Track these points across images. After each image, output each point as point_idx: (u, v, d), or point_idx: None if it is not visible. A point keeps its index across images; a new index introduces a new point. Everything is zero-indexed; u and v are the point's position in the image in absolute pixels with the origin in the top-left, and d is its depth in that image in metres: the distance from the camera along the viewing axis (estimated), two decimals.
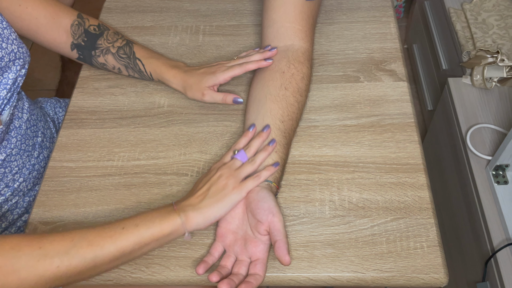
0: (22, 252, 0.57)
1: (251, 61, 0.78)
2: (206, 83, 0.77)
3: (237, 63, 0.79)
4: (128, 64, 0.83)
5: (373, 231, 0.68)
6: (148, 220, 0.62)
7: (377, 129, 0.77)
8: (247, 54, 0.81)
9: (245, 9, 0.97)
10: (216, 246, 0.66)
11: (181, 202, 0.65)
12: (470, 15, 1.23)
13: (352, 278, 0.64)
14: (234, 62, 0.79)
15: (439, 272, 0.64)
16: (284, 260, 0.61)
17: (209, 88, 0.77)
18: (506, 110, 1.07)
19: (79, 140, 0.80)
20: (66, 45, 0.83)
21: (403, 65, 0.85)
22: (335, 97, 0.82)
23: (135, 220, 0.62)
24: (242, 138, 0.72)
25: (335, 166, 0.74)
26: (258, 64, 0.77)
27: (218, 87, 0.79)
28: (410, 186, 0.71)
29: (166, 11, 0.98)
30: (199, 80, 0.78)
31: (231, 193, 0.65)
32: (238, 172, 0.67)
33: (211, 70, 0.78)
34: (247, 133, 0.72)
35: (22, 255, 0.56)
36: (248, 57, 0.79)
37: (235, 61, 0.80)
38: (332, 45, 0.89)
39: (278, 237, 0.62)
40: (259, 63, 0.77)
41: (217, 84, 0.78)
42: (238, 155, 0.69)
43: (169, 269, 0.66)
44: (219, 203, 0.64)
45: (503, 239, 0.91)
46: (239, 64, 0.78)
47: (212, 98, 0.78)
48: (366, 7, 0.95)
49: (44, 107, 0.99)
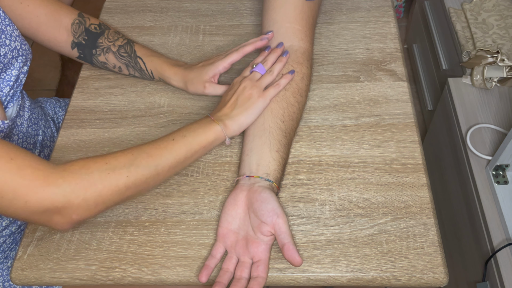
0: (92, 169, 0.61)
1: (247, 44, 0.79)
2: (206, 74, 0.78)
3: (234, 49, 0.80)
4: (129, 62, 0.83)
5: (373, 231, 0.68)
6: (193, 131, 0.69)
7: (377, 129, 0.77)
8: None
9: (245, 9, 0.97)
10: (218, 247, 0.66)
11: (216, 113, 0.72)
12: (470, 15, 1.23)
13: (352, 278, 0.64)
14: (231, 50, 0.81)
15: (439, 272, 0.64)
16: (295, 261, 0.62)
17: (210, 81, 0.78)
18: (506, 110, 1.07)
19: (79, 140, 0.80)
20: (67, 43, 0.83)
21: (403, 65, 0.85)
22: (335, 97, 0.82)
23: (182, 132, 0.69)
24: (259, 56, 0.78)
25: (335, 166, 0.74)
26: (254, 45, 0.79)
27: (219, 78, 0.80)
28: (410, 186, 0.71)
29: (166, 11, 0.98)
30: (199, 73, 0.78)
31: (257, 101, 0.72)
32: (260, 82, 0.74)
33: (209, 62, 0.79)
34: (263, 53, 0.78)
35: (93, 171, 0.61)
36: (244, 43, 0.80)
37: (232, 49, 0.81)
38: (332, 45, 0.89)
39: (285, 240, 0.62)
40: (255, 43, 0.79)
41: (217, 74, 0.78)
42: (257, 68, 0.76)
43: (169, 269, 0.66)
44: (248, 110, 0.71)
45: (503, 239, 0.91)
46: (236, 49, 0.79)
47: (214, 90, 0.78)
48: (366, 7, 0.95)
49: (44, 106, 0.99)
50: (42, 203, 0.58)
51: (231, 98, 0.73)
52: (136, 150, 0.66)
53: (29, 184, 0.57)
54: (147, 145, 0.67)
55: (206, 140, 0.69)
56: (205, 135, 0.69)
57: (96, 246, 0.69)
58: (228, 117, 0.71)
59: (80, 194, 0.60)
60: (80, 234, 0.70)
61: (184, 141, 0.68)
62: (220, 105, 0.74)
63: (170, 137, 0.68)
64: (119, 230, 0.70)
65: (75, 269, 0.67)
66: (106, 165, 0.62)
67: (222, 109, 0.72)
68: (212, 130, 0.70)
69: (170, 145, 0.67)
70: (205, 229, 0.69)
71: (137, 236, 0.70)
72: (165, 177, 0.68)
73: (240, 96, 0.72)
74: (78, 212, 0.61)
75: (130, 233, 0.70)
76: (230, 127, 0.71)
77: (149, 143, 0.67)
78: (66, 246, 0.69)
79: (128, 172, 0.63)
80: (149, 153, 0.66)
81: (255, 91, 0.72)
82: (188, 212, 0.71)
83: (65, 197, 0.59)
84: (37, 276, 0.67)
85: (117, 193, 0.63)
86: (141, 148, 0.66)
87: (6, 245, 0.84)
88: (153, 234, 0.70)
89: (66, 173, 0.60)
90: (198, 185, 0.74)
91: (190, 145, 0.68)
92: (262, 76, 0.75)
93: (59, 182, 0.59)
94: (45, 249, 0.69)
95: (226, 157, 0.76)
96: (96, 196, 0.61)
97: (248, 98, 0.72)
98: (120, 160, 0.64)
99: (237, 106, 0.72)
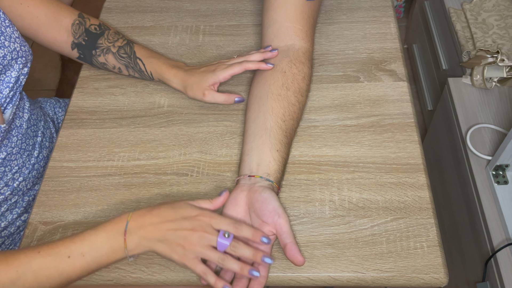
0: None
1: (251, 61, 0.78)
2: (207, 82, 0.77)
3: (237, 61, 0.79)
4: (129, 63, 0.83)
5: (373, 231, 0.68)
6: (95, 250, 0.59)
7: (377, 129, 0.77)
8: (247, 54, 0.81)
9: (245, 9, 0.97)
10: None
11: (138, 219, 0.61)
12: (470, 15, 1.23)
13: (352, 278, 0.64)
14: (234, 60, 0.79)
15: (439, 272, 0.64)
16: (298, 261, 0.62)
17: (210, 88, 0.77)
18: (506, 110, 1.07)
19: (79, 140, 0.80)
20: (67, 44, 0.83)
21: (403, 65, 0.85)
22: (335, 97, 0.82)
23: (81, 248, 0.59)
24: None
25: (335, 166, 0.74)
26: (258, 66, 0.77)
27: (218, 86, 0.79)
28: (410, 186, 0.71)
29: (166, 11, 0.98)
30: (199, 79, 0.78)
31: (185, 260, 0.60)
32: (208, 242, 0.60)
33: (211, 69, 0.78)
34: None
35: None
36: (248, 56, 0.79)
37: (235, 59, 0.80)
38: (332, 45, 0.89)
39: (287, 240, 0.62)
40: (259, 64, 0.77)
41: (217, 83, 0.78)
42: (222, 240, 0.60)
43: (169, 269, 0.66)
44: (168, 252, 0.60)
45: (503, 239, 0.91)
46: (239, 63, 0.78)
47: (213, 98, 0.77)
48: (366, 7, 0.95)
49: (43, 107, 0.99)
50: None
51: (169, 223, 0.60)
52: (22, 265, 0.58)
53: None
54: (38, 258, 0.58)
55: (107, 261, 0.61)
56: (107, 256, 0.60)
57: None
58: (144, 239, 0.60)
59: None
60: None
61: (82, 261, 0.59)
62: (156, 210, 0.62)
63: (66, 251, 0.59)
64: None
65: None
66: None
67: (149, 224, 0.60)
68: (118, 252, 0.60)
69: (62, 264, 0.58)
70: None
71: None
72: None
73: (177, 232, 0.60)
74: None
75: None
76: (137, 249, 0.61)
77: (41, 254, 0.58)
78: None
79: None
80: (35, 272, 0.58)
81: (195, 249, 0.59)
82: None
83: None
84: None
85: None
86: (29, 264, 0.58)
87: (5, 246, 0.84)
88: None
89: None
90: (198, 185, 0.74)
91: (88, 266, 0.59)
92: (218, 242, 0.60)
93: None
94: None
95: (226, 157, 0.76)
96: None
97: (182, 247, 0.59)
98: (1, 276, 0.57)
99: (164, 239, 0.60)
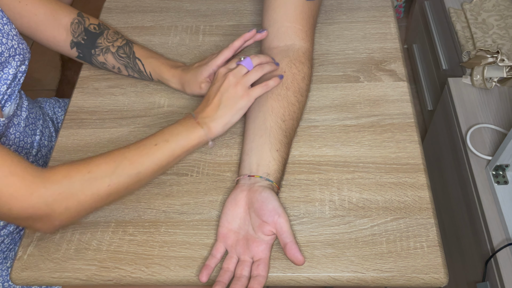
0: (74, 179, 0.62)
1: (237, 39, 0.78)
2: (201, 75, 0.78)
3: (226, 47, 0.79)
4: (128, 63, 0.83)
5: (373, 231, 0.68)
6: (176, 135, 0.68)
7: (377, 129, 0.77)
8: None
9: (245, 9, 0.97)
10: (218, 247, 0.66)
11: (200, 113, 0.70)
12: (470, 15, 1.23)
13: (352, 278, 0.64)
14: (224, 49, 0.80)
15: (439, 272, 0.64)
16: (298, 260, 0.62)
17: (206, 80, 0.78)
18: (506, 110, 1.07)
19: (79, 140, 0.80)
20: (66, 43, 0.83)
21: (403, 65, 0.85)
22: (335, 97, 0.82)
23: (164, 135, 0.68)
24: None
25: (335, 166, 0.74)
26: (243, 38, 0.77)
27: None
28: (410, 186, 0.71)
29: (166, 11, 0.98)
30: (195, 74, 0.78)
31: (241, 100, 0.70)
32: (245, 79, 0.72)
33: (204, 62, 0.79)
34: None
35: (75, 181, 0.62)
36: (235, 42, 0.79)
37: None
38: (332, 45, 0.89)
39: (287, 239, 0.62)
40: (243, 36, 0.77)
41: (212, 73, 0.78)
42: (244, 62, 0.73)
43: (169, 269, 0.66)
44: (233, 110, 0.70)
45: (503, 239, 0.91)
46: (226, 47, 0.78)
47: None
48: (366, 7, 0.95)
49: (43, 107, 0.99)
50: (25, 211, 0.60)
51: (215, 97, 0.71)
52: (118, 156, 0.66)
53: (12, 193, 0.59)
54: (129, 150, 0.67)
55: (189, 144, 0.69)
56: (188, 139, 0.69)
57: (96, 246, 0.69)
58: (212, 120, 0.70)
59: (62, 203, 0.62)
60: (80, 234, 0.70)
61: (167, 146, 0.68)
62: (203, 103, 0.72)
63: (153, 141, 0.68)
64: (119, 230, 0.70)
65: (75, 269, 0.67)
66: (89, 174, 0.63)
67: (206, 109, 0.71)
68: (196, 134, 0.69)
69: (152, 151, 0.67)
70: (205, 229, 0.69)
71: (137, 236, 0.70)
72: (147, 182, 0.70)
73: (224, 94, 0.71)
74: (60, 219, 0.63)
75: (130, 233, 0.70)
76: (214, 130, 0.70)
77: (131, 148, 0.67)
78: (66, 246, 0.69)
79: (109, 181, 0.64)
80: (131, 160, 0.66)
81: (239, 89, 0.71)
82: (188, 212, 0.71)
83: (48, 206, 0.61)
84: (37, 276, 0.67)
85: (99, 200, 0.65)
86: (123, 154, 0.66)
87: (4, 245, 0.84)
88: (153, 234, 0.70)
89: (49, 183, 0.61)
90: (198, 185, 0.74)
91: (173, 151, 0.68)
92: (248, 72, 0.73)
93: (42, 192, 0.60)
94: (45, 249, 0.69)
95: (226, 157, 0.76)
96: (77, 204, 0.63)
97: (233, 97, 0.70)
98: (102, 168, 0.64)
99: (221, 107, 0.70)
